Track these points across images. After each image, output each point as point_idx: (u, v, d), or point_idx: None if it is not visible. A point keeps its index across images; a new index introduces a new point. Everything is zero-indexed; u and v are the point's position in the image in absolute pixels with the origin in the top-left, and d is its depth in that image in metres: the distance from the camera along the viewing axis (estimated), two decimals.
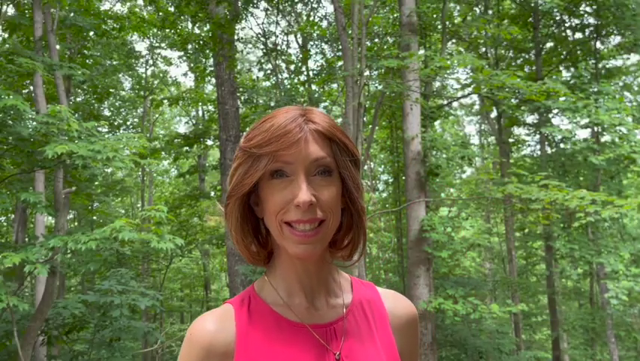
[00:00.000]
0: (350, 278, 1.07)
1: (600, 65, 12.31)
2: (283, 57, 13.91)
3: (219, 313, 0.96)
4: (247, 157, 0.93)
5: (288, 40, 15.06)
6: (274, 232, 0.94)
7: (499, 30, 11.52)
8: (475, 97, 16.71)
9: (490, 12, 13.15)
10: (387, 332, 1.03)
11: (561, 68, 13.45)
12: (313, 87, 14.31)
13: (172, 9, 11.53)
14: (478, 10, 13.18)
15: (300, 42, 14.19)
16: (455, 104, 17.34)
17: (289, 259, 0.97)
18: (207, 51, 12.71)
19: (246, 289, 1.02)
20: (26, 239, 11.37)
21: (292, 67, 14.40)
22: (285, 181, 0.92)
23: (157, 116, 20.36)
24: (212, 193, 15.14)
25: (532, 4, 12.10)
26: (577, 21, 12.11)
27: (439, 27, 11.86)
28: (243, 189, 0.94)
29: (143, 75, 17.85)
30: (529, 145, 15.82)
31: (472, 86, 11.09)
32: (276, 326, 0.95)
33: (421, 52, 10.69)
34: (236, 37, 12.26)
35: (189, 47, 13.52)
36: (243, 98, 13.67)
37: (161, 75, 18.10)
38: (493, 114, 14.69)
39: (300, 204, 0.89)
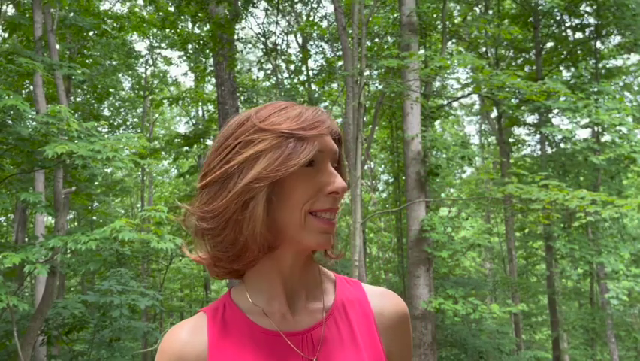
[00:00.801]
0: (334, 277, 1.03)
1: (600, 65, 12.31)
2: (283, 57, 13.91)
3: (192, 323, 0.93)
4: (282, 140, 0.87)
5: (288, 40, 15.07)
6: (294, 223, 0.89)
7: (500, 30, 11.52)
8: (475, 97, 16.71)
9: (490, 12, 13.14)
10: (371, 333, 0.98)
11: (561, 68, 13.45)
12: (313, 87, 14.31)
13: (172, 9, 11.53)
14: (478, 10, 13.18)
15: (300, 42, 14.19)
16: (455, 104, 17.35)
17: (277, 261, 0.93)
18: (207, 51, 12.71)
19: (223, 296, 0.98)
20: (26, 239, 11.37)
21: (292, 67, 14.40)
22: (314, 170, 0.90)
23: (157, 116, 20.35)
24: None
25: (533, 4, 12.10)
26: (577, 21, 12.11)
27: (439, 27, 11.86)
28: (284, 173, 0.86)
29: (143, 75, 17.85)
30: (529, 145, 15.82)
31: (472, 86, 11.09)
32: (249, 334, 0.92)
33: (421, 52, 10.68)
34: (236, 37, 12.26)
35: (189, 46, 13.53)
36: (242, 98, 13.67)
37: (161, 75, 18.10)
38: (493, 114, 14.69)
39: (340, 190, 0.89)
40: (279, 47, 13.49)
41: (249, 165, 0.87)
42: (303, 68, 14.11)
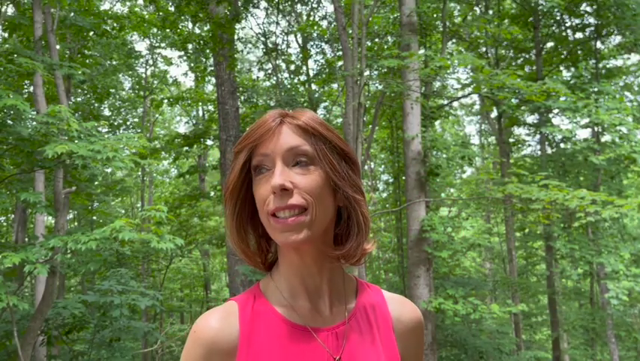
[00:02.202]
0: (356, 281, 1.08)
1: (600, 65, 12.31)
2: (283, 57, 13.91)
3: (224, 311, 0.96)
4: (234, 158, 0.99)
5: (288, 40, 15.05)
6: (266, 226, 0.96)
7: (500, 30, 11.51)
8: (475, 97, 16.71)
9: (490, 12, 13.14)
10: (390, 337, 1.03)
11: (561, 68, 13.45)
12: (313, 87, 14.31)
13: (172, 9, 11.53)
14: (478, 10, 13.18)
15: (300, 42, 14.18)
16: (455, 104, 17.35)
17: (291, 259, 0.98)
18: (207, 51, 12.70)
19: (252, 288, 1.02)
20: (26, 239, 11.37)
21: (292, 67, 14.39)
22: (267, 175, 0.95)
23: (157, 116, 20.35)
24: (212, 193, 15.14)
25: (533, 4, 12.10)
26: (577, 21, 12.10)
27: (439, 27, 11.86)
28: (229, 187, 0.98)
29: (143, 75, 17.85)
30: (529, 145, 15.82)
31: (472, 86, 11.09)
32: (279, 327, 0.95)
33: (421, 52, 10.68)
34: (236, 37, 12.26)
35: (189, 46, 13.52)
36: (242, 98, 13.66)
37: (161, 75, 18.10)
38: (493, 114, 14.68)
39: (274, 188, 0.92)
40: (279, 47, 13.49)
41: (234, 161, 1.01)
42: (303, 68, 14.10)
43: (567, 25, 12.45)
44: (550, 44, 13.45)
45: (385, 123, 15.30)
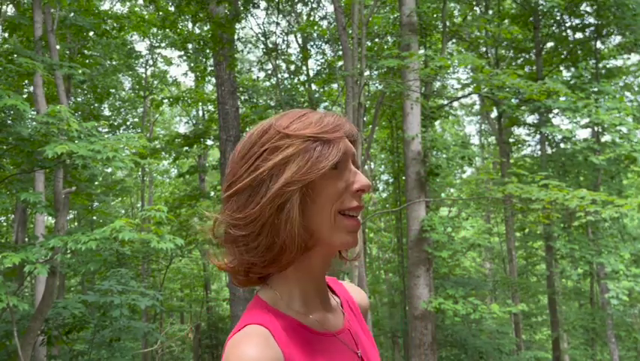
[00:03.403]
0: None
1: (600, 65, 12.31)
2: (283, 57, 13.91)
3: (259, 337, 0.85)
4: (309, 144, 0.90)
5: (288, 40, 15.05)
6: (326, 223, 0.91)
7: (500, 30, 11.51)
8: (475, 97, 16.71)
9: (490, 12, 13.14)
10: (365, 323, 1.08)
11: (561, 68, 13.45)
12: (313, 87, 14.31)
13: (172, 9, 11.53)
14: (478, 10, 13.18)
15: (300, 42, 14.19)
16: (455, 104, 17.35)
17: (313, 265, 0.95)
18: (207, 51, 12.70)
19: (257, 306, 0.93)
20: (26, 239, 11.37)
21: (292, 67, 14.39)
22: (338, 172, 0.93)
23: (157, 116, 20.35)
24: (212, 193, 15.14)
25: (533, 4, 12.10)
26: (577, 21, 12.10)
27: (439, 27, 11.86)
28: (315, 175, 0.89)
29: (143, 75, 17.85)
30: (529, 145, 15.82)
31: (472, 86, 11.09)
32: (310, 339, 0.92)
33: (421, 52, 10.68)
34: (236, 37, 12.25)
35: (189, 46, 13.52)
36: (243, 98, 13.66)
37: (161, 75, 18.10)
38: (493, 114, 14.68)
39: (366, 187, 0.92)
40: (279, 47, 13.49)
41: (279, 170, 0.89)
42: (303, 68, 14.10)
43: (567, 25, 12.45)
44: (550, 44, 13.45)
45: (385, 123, 15.31)
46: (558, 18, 12.39)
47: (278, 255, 0.90)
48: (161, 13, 12.32)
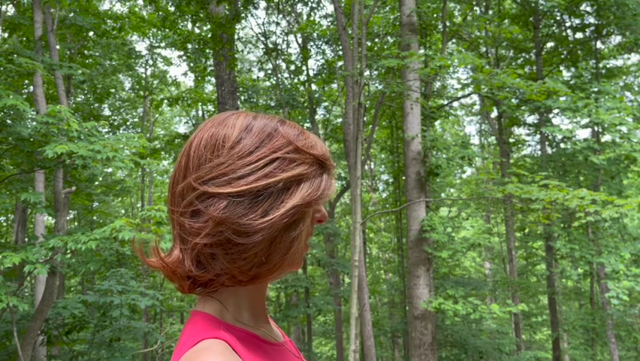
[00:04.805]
0: None
1: (600, 65, 12.31)
2: (283, 57, 13.91)
3: (222, 351, 0.79)
4: (317, 168, 0.88)
5: (288, 40, 15.05)
6: (300, 248, 0.90)
7: (500, 30, 11.51)
8: (475, 97, 16.71)
9: (490, 12, 13.15)
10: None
11: (561, 68, 13.45)
12: (313, 87, 14.31)
13: (172, 9, 11.53)
14: (478, 10, 13.18)
15: (300, 42, 14.19)
16: (455, 104, 17.34)
17: (265, 283, 0.92)
18: (207, 51, 12.70)
19: (204, 320, 0.87)
20: (26, 239, 11.38)
21: (292, 67, 14.40)
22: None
23: (157, 116, 20.36)
24: None
25: (533, 4, 12.10)
26: (577, 21, 12.11)
27: (439, 27, 11.86)
28: (322, 201, 0.88)
29: (143, 75, 17.85)
30: (529, 145, 15.83)
31: (472, 85, 11.09)
32: (266, 349, 0.90)
33: (421, 52, 10.69)
34: (236, 36, 12.25)
35: (189, 46, 13.52)
36: (242, 98, 13.66)
37: (160, 75, 18.10)
38: (494, 114, 14.68)
39: (325, 219, 0.92)
40: (279, 47, 13.49)
41: (294, 186, 0.84)
42: (303, 68, 14.11)
43: (567, 25, 12.45)
44: (550, 44, 13.46)
45: (385, 123, 15.31)
46: (558, 18, 12.40)
47: (266, 270, 0.85)
48: (161, 13, 12.32)
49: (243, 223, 0.81)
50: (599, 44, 12.28)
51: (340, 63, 12.29)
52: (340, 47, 10.53)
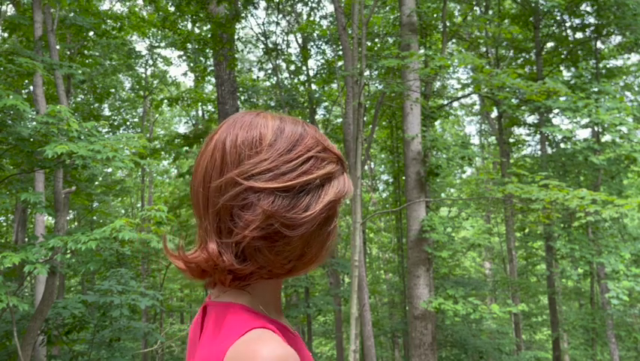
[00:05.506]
0: None
1: (601, 65, 12.31)
2: (283, 57, 13.91)
3: (277, 338, 0.82)
4: (340, 167, 0.93)
5: (288, 40, 15.05)
6: (324, 247, 0.94)
7: (500, 30, 11.51)
8: (475, 97, 16.71)
9: (490, 12, 13.14)
10: None
11: (561, 68, 13.45)
12: (313, 87, 14.31)
13: (172, 9, 11.53)
14: (478, 10, 13.18)
15: (300, 42, 14.19)
16: (455, 104, 17.35)
17: (279, 279, 0.95)
18: (207, 51, 12.70)
19: (242, 310, 0.88)
20: (26, 239, 11.38)
21: (292, 67, 14.40)
22: None
23: (157, 116, 20.36)
24: None
25: (533, 4, 12.10)
26: (577, 21, 12.11)
27: (439, 27, 11.86)
28: (349, 196, 0.92)
29: (143, 75, 17.86)
30: (529, 145, 15.83)
31: (472, 85, 11.09)
32: (295, 341, 0.93)
33: (421, 52, 10.68)
34: (236, 36, 12.25)
35: (189, 46, 13.52)
36: (242, 98, 13.66)
37: (160, 75, 18.10)
38: (494, 114, 14.68)
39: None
40: (279, 47, 13.49)
41: (327, 183, 0.89)
42: (303, 68, 14.10)
43: (567, 25, 12.45)
44: (550, 44, 13.46)
45: (385, 123, 15.31)
46: (558, 18, 12.40)
47: (302, 264, 0.90)
48: (161, 13, 12.33)
49: (289, 217, 0.85)
50: (599, 44, 12.29)
51: (340, 63, 12.29)
52: (340, 47, 10.53)
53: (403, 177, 12.01)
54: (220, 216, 0.87)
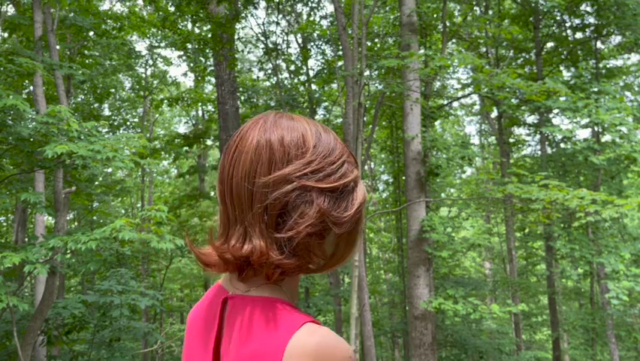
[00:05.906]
0: None
1: (601, 65, 12.31)
2: (283, 57, 13.91)
3: (332, 332, 0.87)
4: (356, 169, 0.97)
5: (288, 40, 15.05)
6: (354, 244, 0.98)
7: (500, 30, 11.51)
8: (475, 97, 16.71)
9: (490, 12, 13.14)
10: None
11: (561, 68, 13.45)
12: (313, 87, 14.31)
13: (172, 9, 11.53)
14: (478, 10, 13.18)
15: (300, 42, 14.19)
16: (455, 104, 17.35)
17: (300, 277, 0.99)
18: (207, 51, 12.70)
19: (288, 305, 0.91)
20: (26, 239, 11.38)
21: (292, 67, 14.39)
22: None
23: (157, 116, 20.36)
24: (213, 193, 15.12)
25: (533, 4, 12.10)
26: (577, 21, 12.11)
27: (439, 27, 11.86)
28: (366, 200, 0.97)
29: (143, 75, 17.85)
30: (529, 145, 15.83)
31: (472, 85, 11.09)
32: None
33: (421, 52, 10.68)
34: (236, 36, 12.25)
35: (189, 46, 13.52)
36: (242, 98, 13.66)
37: (160, 75, 18.10)
38: (494, 114, 14.68)
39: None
40: (279, 47, 13.48)
41: (356, 186, 0.95)
42: (303, 68, 14.10)
43: (567, 25, 12.45)
44: (550, 44, 13.46)
45: (385, 123, 15.30)
46: (558, 18, 12.40)
47: (334, 260, 0.94)
48: (161, 13, 12.33)
49: (336, 216, 0.90)
50: (599, 44, 12.29)
51: (340, 63, 12.29)
52: (340, 47, 10.53)
53: (403, 177, 12.01)
54: (268, 212, 0.88)
